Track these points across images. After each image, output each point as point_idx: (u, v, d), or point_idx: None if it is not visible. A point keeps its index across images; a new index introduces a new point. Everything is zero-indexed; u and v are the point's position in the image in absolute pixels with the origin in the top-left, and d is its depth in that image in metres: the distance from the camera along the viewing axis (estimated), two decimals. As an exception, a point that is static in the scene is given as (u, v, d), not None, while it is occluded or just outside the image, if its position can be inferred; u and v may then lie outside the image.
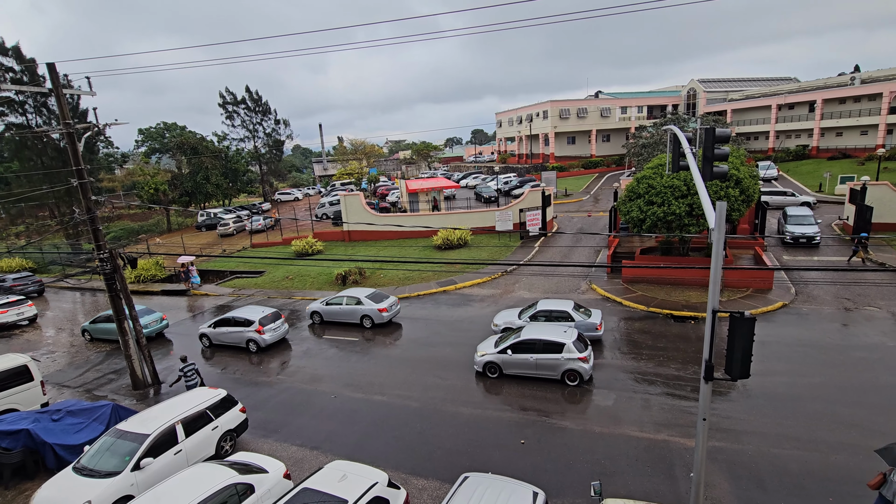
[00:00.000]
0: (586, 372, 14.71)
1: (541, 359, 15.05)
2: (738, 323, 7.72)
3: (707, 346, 8.07)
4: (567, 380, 14.98)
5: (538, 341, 15.16)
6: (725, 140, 9.73)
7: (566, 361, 14.75)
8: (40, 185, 44.58)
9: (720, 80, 73.30)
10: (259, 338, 19.45)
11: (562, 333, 15.35)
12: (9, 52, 44.40)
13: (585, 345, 15.32)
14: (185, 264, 29.43)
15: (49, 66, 14.60)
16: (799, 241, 26.28)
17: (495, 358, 15.60)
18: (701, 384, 8.30)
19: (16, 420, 12.54)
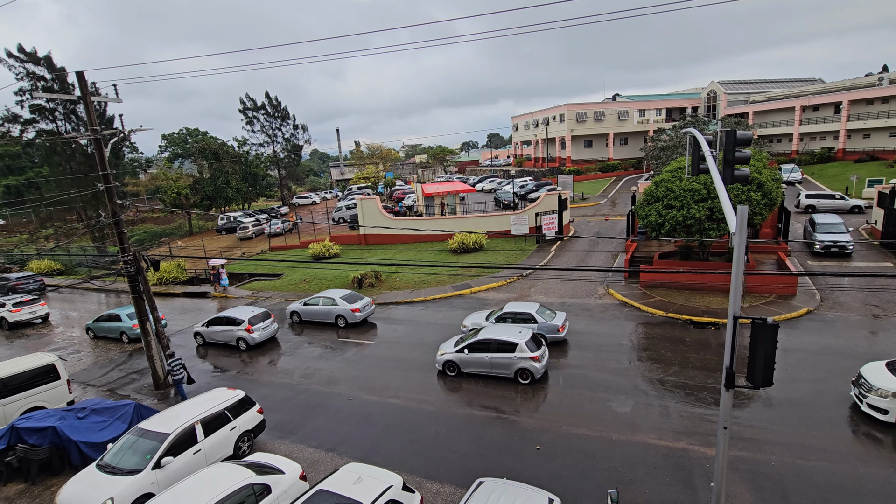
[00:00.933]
0: (538, 371, 15.25)
1: (495, 358, 15.63)
2: (761, 329, 7.54)
3: (728, 352, 7.90)
4: (519, 378, 15.49)
5: (493, 341, 15.75)
6: (747, 142, 9.55)
7: (518, 360, 15.30)
8: (69, 189, 46.02)
9: (741, 82, 71.98)
10: (248, 336, 20.25)
11: (516, 334, 15.85)
12: (41, 61, 46.04)
13: (539, 345, 15.80)
14: (216, 267, 29.81)
15: (78, 74, 15.09)
16: (830, 249, 24.95)
17: (454, 357, 16.24)
18: (722, 392, 8.12)
19: (43, 417, 12.91)
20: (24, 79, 45.78)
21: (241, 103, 64.16)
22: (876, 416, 11.91)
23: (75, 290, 35.22)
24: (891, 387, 11.62)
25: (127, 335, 22.75)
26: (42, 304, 27.97)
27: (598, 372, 15.79)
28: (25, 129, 49.07)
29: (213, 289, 30.34)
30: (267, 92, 65.08)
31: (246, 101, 64.27)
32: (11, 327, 26.71)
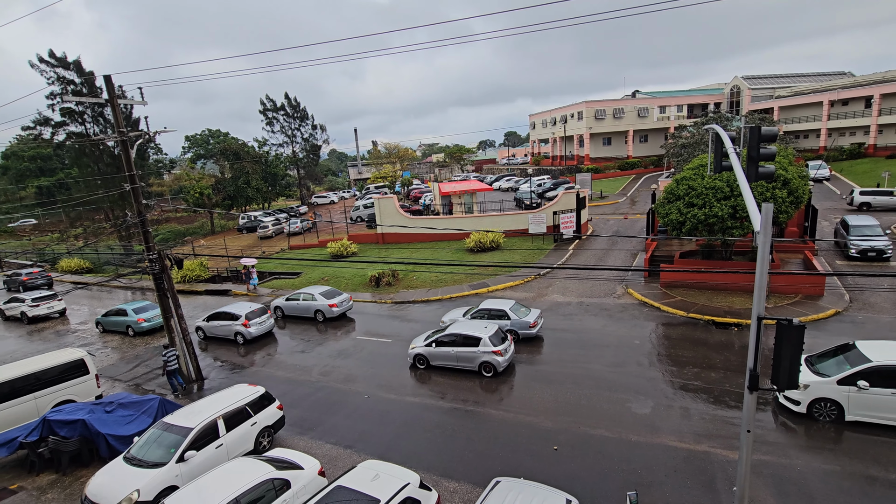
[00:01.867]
0: (500, 364, 15.85)
1: (460, 352, 16.35)
2: (786, 330, 7.35)
3: (752, 354, 7.73)
4: (483, 371, 16.16)
5: (459, 335, 16.47)
6: (772, 139, 9.30)
7: (482, 354, 15.97)
8: (97, 189, 47.43)
9: (766, 77, 70.10)
10: (245, 330, 21.35)
11: (482, 329, 16.45)
12: (70, 66, 47.53)
13: (503, 340, 16.38)
14: (248, 266, 30.01)
15: (106, 78, 15.54)
16: (867, 254, 23.51)
17: (423, 350, 16.99)
18: (745, 394, 7.95)
19: (73, 411, 13.36)
20: (54, 83, 47.32)
21: (262, 104, 65.17)
22: (790, 407, 12.53)
23: (103, 287, 36.31)
24: (803, 379, 11.98)
25: (132, 329, 24.17)
26: (59, 299, 29.42)
27: (615, 374, 15.60)
28: (56, 131, 50.74)
29: (246, 288, 30.62)
30: (286, 93, 65.97)
31: (266, 103, 65.25)
32: (31, 321, 28.39)
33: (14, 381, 14.98)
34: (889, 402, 11.45)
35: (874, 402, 11.61)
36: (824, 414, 12.14)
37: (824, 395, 12.06)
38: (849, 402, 11.85)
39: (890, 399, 11.43)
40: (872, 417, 11.71)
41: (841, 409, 11.98)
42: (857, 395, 11.72)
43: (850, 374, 11.85)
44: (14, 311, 29.06)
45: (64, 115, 49.22)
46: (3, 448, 12.77)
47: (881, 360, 11.72)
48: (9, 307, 29.47)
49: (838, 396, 11.94)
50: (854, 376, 11.79)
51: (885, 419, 11.59)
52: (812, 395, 12.17)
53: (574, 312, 21.16)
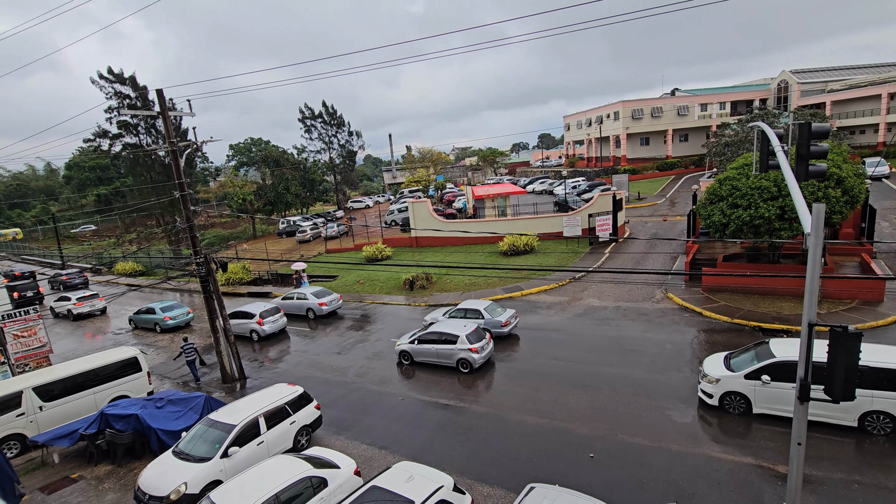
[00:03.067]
0: (476, 361, 16.79)
1: (440, 349, 17.39)
2: (841, 338, 6.97)
3: (802, 362, 7.37)
4: (460, 367, 17.12)
5: (439, 333, 17.49)
6: (824, 135, 8.87)
7: (459, 351, 16.96)
8: (149, 197, 50.20)
9: (817, 70, 66.40)
10: (259, 328, 22.84)
11: (460, 328, 17.43)
12: (126, 81, 50.61)
13: (480, 338, 17.22)
14: (299, 271, 30.54)
15: (158, 92, 16.49)
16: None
17: (407, 347, 18.19)
18: (795, 404, 7.58)
19: (127, 406, 14.18)
20: (112, 98, 50.51)
21: (300, 112, 67.25)
22: (705, 400, 13.18)
23: (154, 289, 38.33)
24: (716, 373, 12.92)
25: (160, 326, 26.57)
26: (100, 298, 32.15)
27: (655, 381, 15.12)
28: (113, 143, 54.07)
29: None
30: (324, 101, 67.81)
31: (304, 111, 67.29)
32: (76, 318, 31.19)
33: (76, 377, 16.07)
34: (790, 396, 11.61)
35: (777, 396, 12.12)
36: (734, 406, 12.77)
37: (733, 388, 12.66)
38: (755, 395, 12.45)
39: (791, 392, 11.57)
40: (776, 410, 12.25)
41: (749, 402, 12.59)
42: (761, 388, 12.31)
43: (755, 368, 12.41)
44: (62, 308, 31.90)
45: (120, 128, 52.39)
46: (65, 439, 13.67)
47: (783, 356, 12.17)
48: (58, 305, 32.34)
49: (745, 390, 12.54)
50: (759, 371, 12.32)
51: (787, 412, 11.97)
52: (723, 389, 12.81)
53: (611, 317, 20.68)
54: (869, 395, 11.27)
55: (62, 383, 15.78)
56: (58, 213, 75.38)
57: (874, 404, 11.30)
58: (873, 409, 11.33)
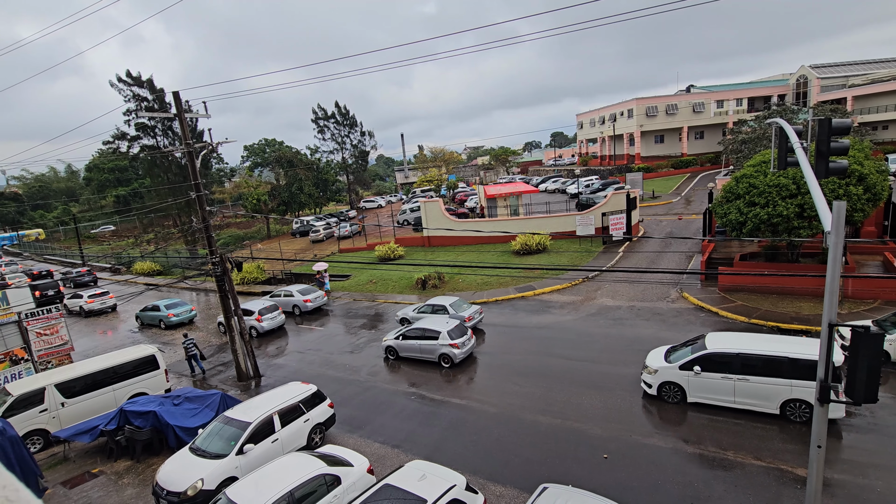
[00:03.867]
0: (456, 356, 17.54)
1: (423, 344, 18.17)
2: (863, 339, 6.81)
3: (822, 363, 7.23)
4: (442, 362, 17.86)
5: (422, 330, 18.32)
6: (845, 131, 8.66)
7: (441, 347, 17.74)
8: (166, 198, 51.09)
9: (837, 65, 64.79)
10: (258, 325, 23.85)
11: (443, 324, 18.22)
12: (144, 84, 51.59)
13: (461, 334, 17.91)
14: (321, 271, 30.53)
15: (174, 94, 16.76)
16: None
17: (392, 343, 19.07)
18: (815, 406, 7.43)
19: (146, 403, 14.47)
20: (130, 100, 51.52)
21: (314, 113, 67.78)
22: (646, 390, 14.01)
23: (171, 288, 38.99)
24: (655, 365, 13.78)
25: (164, 322, 27.81)
26: (111, 296, 33.60)
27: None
28: (132, 145, 55.16)
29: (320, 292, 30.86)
30: (336, 101, 68.22)
31: (317, 111, 67.81)
32: (87, 315, 32.61)
33: (96, 374, 16.44)
34: (718, 385, 12.81)
35: (707, 385, 13.00)
36: (670, 395, 13.59)
37: (670, 378, 13.49)
38: (688, 385, 13.27)
39: (719, 382, 12.77)
40: (707, 399, 13.10)
41: (683, 391, 13.39)
42: (694, 378, 13.14)
43: (688, 360, 13.23)
44: (74, 305, 33.18)
45: (138, 130, 53.43)
46: (86, 435, 14.00)
47: (714, 349, 13.02)
48: (70, 302, 33.61)
49: (680, 380, 13.34)
50: (691, 362, 13.15)
51: (716, 400, 12.97)
52: (660, 379, 13.63)
53: (625, 317, 20.47)
54: (788, 385, 12.03)
55: (83, 380, 16.16)
56: (78, 213, 77.12)
57: (793, 393, 12.02)
58: (792, 397, 12.05)
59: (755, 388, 12.36)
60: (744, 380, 12.43)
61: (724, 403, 12.86)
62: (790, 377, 11.95)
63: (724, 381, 12.67)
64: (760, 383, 12.28)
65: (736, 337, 13.57)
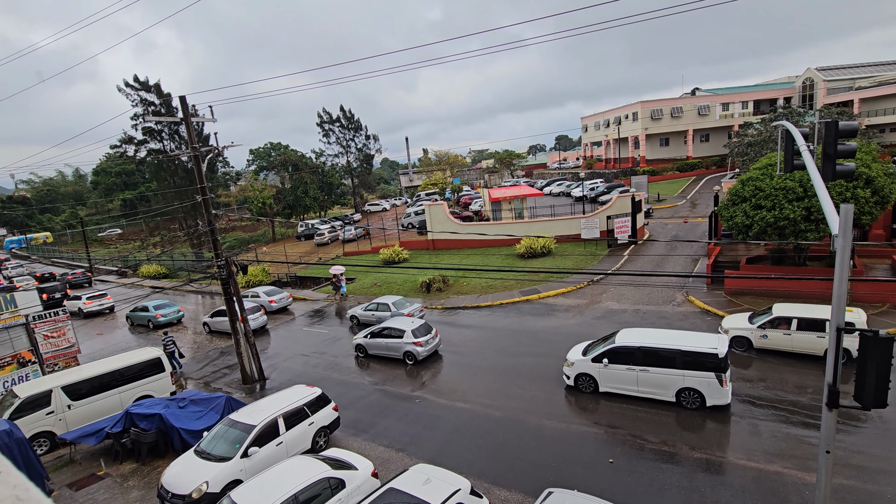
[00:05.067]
0: (419, 354, 18.45)
1: (389, 342, 19.19)
2: (871, 343, 6.74)
3: (830, 368, 7.15)
4: (406, 359, 18.80)
5: (389, 329, 19.33)
6: (852, 134, 8.60)
7: (405, 345, 18.65)
8: (172, 201, 51.42)
9: (843, 67, 64.45)
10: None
11: (408, 324, 19.17)
12: (151, 88, 52.01)
13: (426, 333, 18.85)
14: (337, 275, 30.11)
15: (181, 98, 16.90)
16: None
17: (362, 341, 20.00)
18: (823, 411, 7.34)
19: (151, 405, 14.51)
20: (137, 105, 51.94)
21: (319, 117, 68.08)
22: (566, 382, 15.27)
23: (177, 291, 39.20)
24: (572, 358, 15.12)
25: (152, 322, 28.75)
26: (108, 298, 34.35)
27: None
28: (139, 149, 55.55)
29: (334, 296, 30.45)
30: (341, 105, 68.56)
31: (323, 115, 68.12)
32: (86, 316, 33.33)
33: (102, 377, 16.53)
34: (624, 376, 14.10)
35: (615, 376, 14.26)
36: (585, 386, 14.85)
37: (584, 370, 14.76)
38: (600, 376, 14.52)
39: (625, 373, 14.06)
40: (615, 388, 14.37)
41: (595, 382, 14.63)
42: (604, 370, 14.40)
43: (598, 353, 14.51)
44: (73, 306, 33.35)
45: (145, 134, 53.82)
46: (92, 437, 14.06)
47: (620, 343, 14.27)
48: (70, 304, 33.78)
49: (593, 371, 14.61)
50: (601, 355, 14.42)
51: (622, 389, 14.26)
52: (576, 371, 14.92)
53: (630, 321, 20.37)
54: (681, 375, 13.24)
55: (89, 383, 16.24)
56: (86, 217, 77.74)
57: (686, 382, 13.22)
58: (685, 386, 13.24)
59: (654, 377, 13.65)
60: (645, 370, 13.77)
61: (630, 392, 14.15)
62: (683, 368, 13.20)
63: (629, 372, 13.99)
64: (658, 374, 13.56)
65: (643, 332, 14.75)
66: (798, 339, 15.37)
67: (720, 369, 12.81)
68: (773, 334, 15.80)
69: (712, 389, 12.94)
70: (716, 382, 12.86)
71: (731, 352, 15.09)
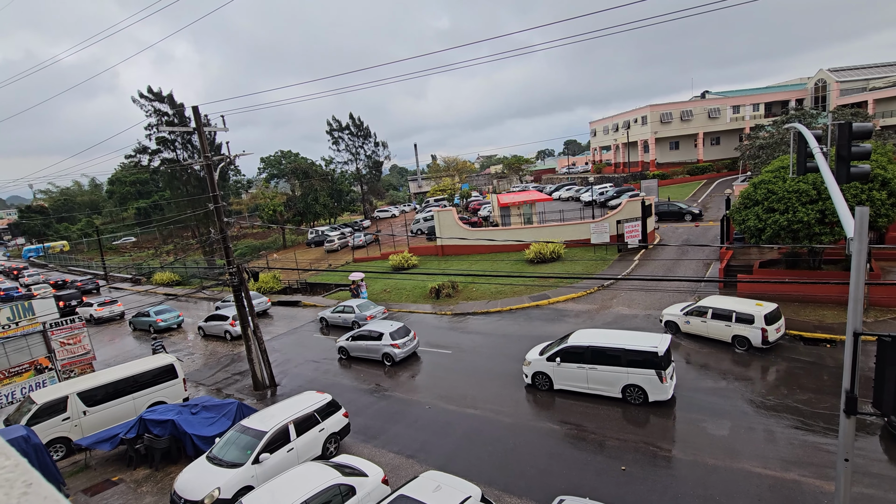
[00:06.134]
0: (396, 355, 19.25)
1: (369, 345, 19.94)
2: (889, 348, 6.60)
3: (848, 373, 7.01)
4: (385, 360, 19.53)
5: (369, 331, 20.12)
6: (866, 135, 8.50)
7: (384, 346, 19.44)
8: (185, 209, 52.16)
9: (857, 68, 63.60)
10: (231, 329, 26.23)
11: (387, 326, 19.99)
12: (164, 99, 52.99)
13: (403, 336, 19.62)
14: (356, 281, 29.80)
15: (194, 109, 17.19)
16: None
17: (345, 344, 20.82)
18: (841, 418, 7.20)
19: (164, 411, 14.65)
20: (151, 115, 52.93)
21: (328, 125, 68.73)
22: (525, 380, 16.11)
23: (189, 298, 39.65)
24: (530, 358, 16.03)
25: (153, 328, 29.66)
26: (119, 304, 35.29)
27: (688, 392, 14.65)
28: (152, 158, 56.54)
29: None
30: (350, 113, 69.13)
31: (332, 123, 68.76)
32: (97, 322, 34.04)
33: (117, 383, 16.74)
34: (575, 374, 14.96)
35: (567, 374, 15.10)
36: (541, 383, 15.68)
37: (540, 369, 15.62)
38: (554, 374, 15.35)
39: (575, 371, 14.91)
40: (568, 385, 15.20)
41: (550, 380, 15.43)
42: (557, 368, 15.23)
43: (552, 353, 15.36)
44: (85, 313, 34.09)
45: (159, 144, 54.78)
46: (106, 443, 14.23)
47: (572, 343, 15.13)
48: (81, 310, 34.61)
49: (548, 370, 15.45)
50: (555, 354, 15.26)
51: (574, 386, 15.11)
52: (533, 370, 15.80)
53: (641, 326, 20.15)
54: (626, 372, 14.07)
55: (104, 389, 16.46)
56: (101, 226, 79.08)
57: (630, 379, 14.01)
58: (629, 382, 14.04)
59: (602, 375, 14.52)
60: (593, 368, 14.64)
61: (581, 389, 14.99)
62: (627, 365, 14.03)
63: (580, 370, 14.84)
64: (605, 371, 14.43)
65: (594, 332, 15.61)
66: (712, 327, 17.36)
67: (660, 367, 13.59)
68: (693, 321, 17.83)
69: (653, 386, 13.74)
70: (656, 379, 13.65)
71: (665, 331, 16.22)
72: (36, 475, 0.76)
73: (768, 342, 16.09)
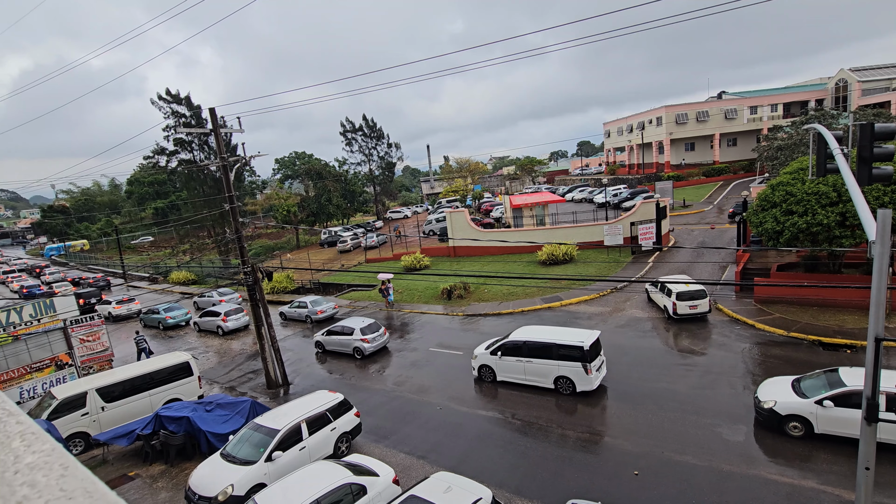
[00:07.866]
0: (366, 349, 20.55)
1: (342, 339, 21.26)
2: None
3: (869, 380, 6.85)
4: (355, 354, 20.86)
5: (341, 327, 21.47)
6: (889, 136, 8.31)
7: (354, 341, 20.78)
8: (201, 210, 53.00)
9: (879, 67, 62.04)
10: (223, 325, 27.54)
11: (360, 322, 21.34)
12: (182, 101, 53.94)
13: (374, 331, 20.98)
14: (385, 282, 29.02)
15: (210, 111, 17.47)
16: None
17: (321, 339, 22.22)
18: (861, 425, 7.04)
19: (180, 408, 14.88)
20: (169, 117, 53.92)
21: (342, 126, 69.26)
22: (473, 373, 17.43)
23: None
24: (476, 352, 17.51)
25: (162, 324, 30.71)
26: (136, 302, 36.25)
27: (703, 397, 14.43)
28: (170, 159, 57.58)
29: (385, 303, 29.30)
30: (364, 115, 69.62)
31: (346, 125, 69.28)
32: (115, 320, 35.01)
33: (134, 380, 17.06)
34: (514, 366, 16.28)
35: (507, 367, 16.46)
36: (486, 375, 17.00)
37: (484, 362, 17.01)
38: (496, 367, 16.69)
39: (514, 364, 16.24)
40: (508, 377, 16.51)
41: (494, 372, 16.76)
42: (499, 361, 16.60)
43: (495, 347, 16.80)
44: (103, 311, 34.61)
45: (176, 145, 55.80)
46: (124, 439, 14.51)
47: (512, 338, 16.51)
48: (100, 308, 35.28)
49: (491, 363, 16.81)
50: (497, 349, 16.66)
51: (514, 378, 16.39)
52: (479, 363, 17.16)
53: (655, 328, 19.93)
54: (557, 365, 15.30)
55: (122, 385, 16.79)
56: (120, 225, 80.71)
57: (560, 371, 15.27)
58: (560, 374, 15.29)
59: (536, 367, 15.77)
60: (529, 361, 15.91)
61: (519, 380, 16.26)
62: (558, 358, 15.29)
63: (518, 363, 16.13)
64: (539, 364, 15.69)
65: (533, 329, 16.86)
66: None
67: (586, 360, 14.82)
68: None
69: (580, 377, 14.96)
70: (582, 371, 14.87)
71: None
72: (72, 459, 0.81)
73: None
